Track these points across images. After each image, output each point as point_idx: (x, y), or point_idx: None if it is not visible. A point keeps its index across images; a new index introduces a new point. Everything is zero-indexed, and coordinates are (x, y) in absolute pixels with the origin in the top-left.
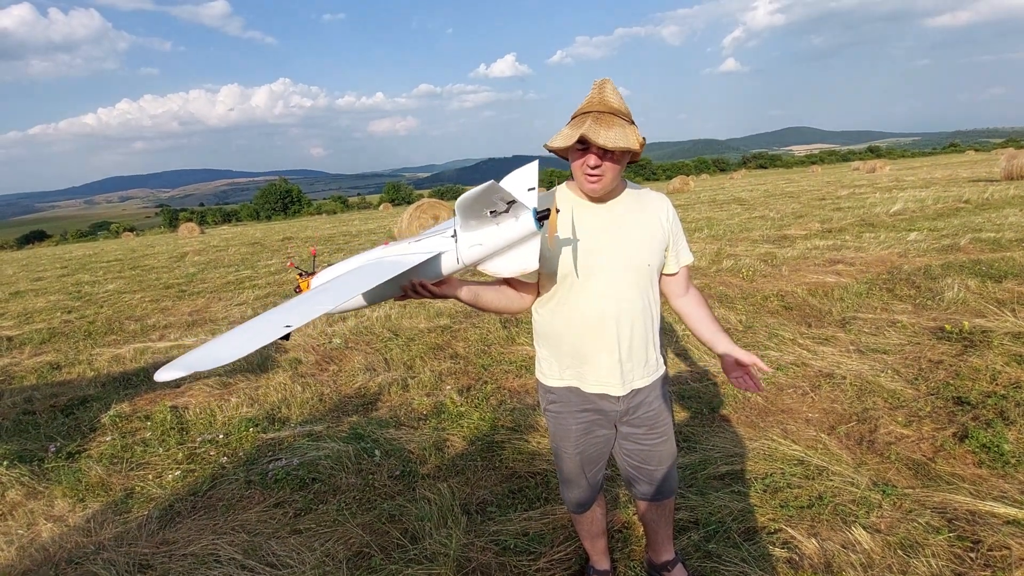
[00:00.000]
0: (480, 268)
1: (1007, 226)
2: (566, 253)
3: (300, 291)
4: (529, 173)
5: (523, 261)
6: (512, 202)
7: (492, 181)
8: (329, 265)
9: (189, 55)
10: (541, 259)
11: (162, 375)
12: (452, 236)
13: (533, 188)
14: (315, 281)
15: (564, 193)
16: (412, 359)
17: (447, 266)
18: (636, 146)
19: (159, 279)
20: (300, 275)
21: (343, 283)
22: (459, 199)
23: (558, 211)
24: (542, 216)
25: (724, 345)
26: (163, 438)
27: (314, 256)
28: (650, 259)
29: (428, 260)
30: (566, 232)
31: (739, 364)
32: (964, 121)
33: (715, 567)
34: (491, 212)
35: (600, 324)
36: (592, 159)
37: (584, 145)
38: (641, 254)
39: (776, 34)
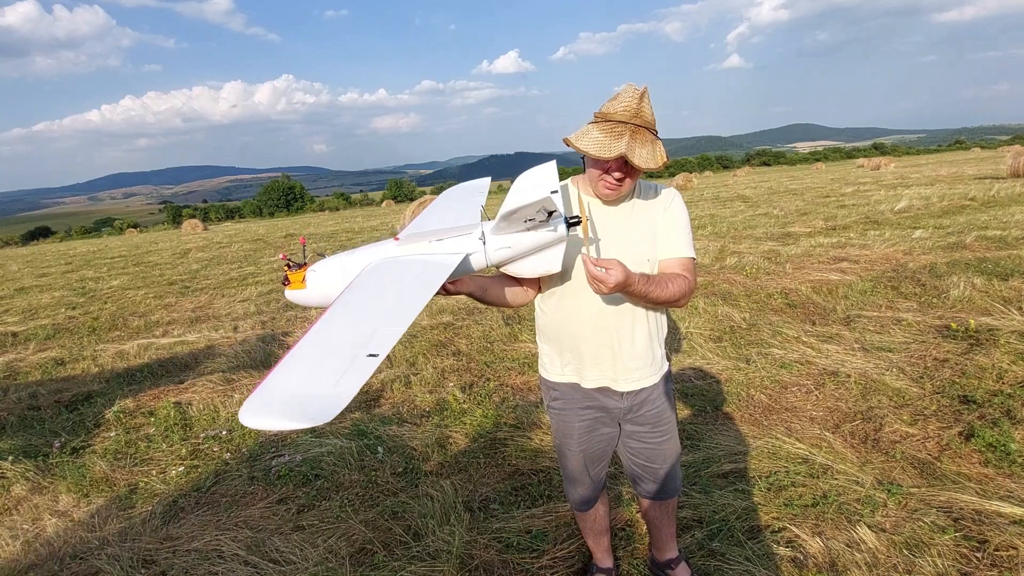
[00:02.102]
0: (503, 269)
1: (1013, 224)
2: (569, 249)
3: (288, 282)
4: (549, 174)
5: (548, 264)
6: (552, 212)
7: (547, 195)
8: (322, 256)
9: (192, 52)
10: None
11: (251, 421)
12: (480, 239)
13: (556, 191)
14: (311, 275)
15: (571, 189)
16: (415, 356)
17: (473, 267)
18: (661, 166)
19: (163, 275)
20: (288, 267)
21: (394, 297)
22: (505, 209)
23: (588, 219)
24: (572, 222)
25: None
26: (167, 434)
27: (304, 245)
28: (650, 255)
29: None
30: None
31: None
32: (970, 118)
33: (718, 565)
34: (527, 220)
35: (601, 321)
36: (618, 173)
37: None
38: (642, 250)
39: (780, 30)
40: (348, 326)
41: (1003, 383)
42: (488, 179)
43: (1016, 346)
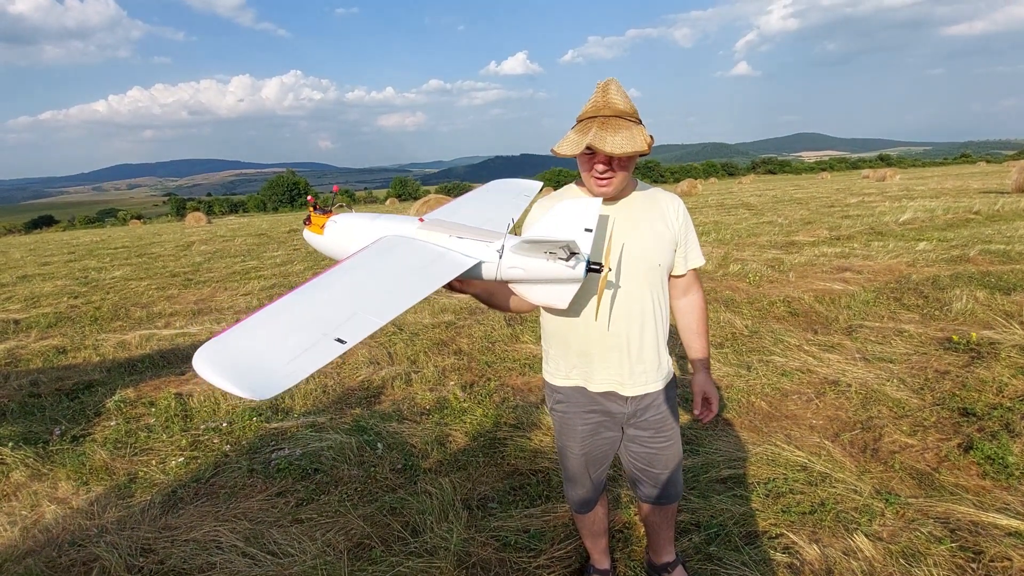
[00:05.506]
0: (511, 287)
1: (1017, 238)
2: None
3: (310, 223)
4: (591, 211)
5: (556, 298)
6: (575, 254)
7: (575, 240)
8: (348, 209)
9: (201, 45)
10: None
11: (200, 367)
12: (498, 251)
13: (591, 230)
14: (332, 225)
15: (573, 192)
16: (416, 354)
17: (483, 275)
18: (644, 148)
19: (165, 267)
20: (314, 208)
21: (393, 282)
22: (527, 236)
23: (610, 270)
24: (593, 268)
25: (697, 364)
26: (167, 424)
27: (335, 193)
28: (660, 259)
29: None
30: (574, 233)
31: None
32: (976, 131)
33: (715, 570)
34: (549, 252)
35: (610, 324)
36: (600, 165)
37: (591, 151)
38: (651, 254)
39: (790, 39)
40: (332, 298)
41: (1003, 396)
42: (540, 184)
43: (1017, 360)
